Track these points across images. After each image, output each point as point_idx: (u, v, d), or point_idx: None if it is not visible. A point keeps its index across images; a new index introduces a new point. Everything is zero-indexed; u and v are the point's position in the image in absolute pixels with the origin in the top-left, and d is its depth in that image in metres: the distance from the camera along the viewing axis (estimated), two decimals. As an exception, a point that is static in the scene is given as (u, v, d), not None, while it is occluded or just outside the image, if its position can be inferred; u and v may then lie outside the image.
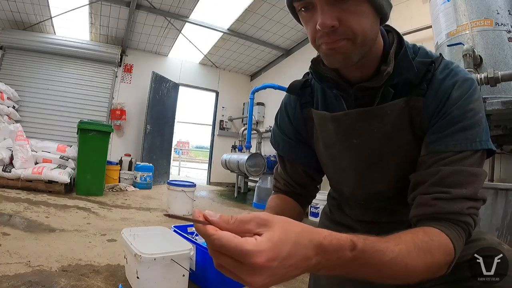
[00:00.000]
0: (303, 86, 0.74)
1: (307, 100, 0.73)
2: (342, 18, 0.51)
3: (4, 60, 4.94)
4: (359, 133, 0.63)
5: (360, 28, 0.52)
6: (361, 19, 0.52)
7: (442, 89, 0.56)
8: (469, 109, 0.53)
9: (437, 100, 0.56)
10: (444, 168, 0.52)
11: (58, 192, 3.51)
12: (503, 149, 2.19)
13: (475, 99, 0.54)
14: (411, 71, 0.57)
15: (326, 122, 0.68)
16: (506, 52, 1.73)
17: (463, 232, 0.50)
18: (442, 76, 0.57)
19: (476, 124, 0.53)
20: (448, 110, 0.54)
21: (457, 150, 0.52)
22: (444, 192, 0.51)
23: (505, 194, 1.55)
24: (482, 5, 1.81)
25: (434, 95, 0.56)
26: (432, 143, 0.55)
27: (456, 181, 0.51)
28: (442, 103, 0.55)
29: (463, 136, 0.52)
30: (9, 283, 1.25)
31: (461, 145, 0.52)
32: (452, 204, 0.50)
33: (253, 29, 4.94)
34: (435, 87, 0.57)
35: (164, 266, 1.28)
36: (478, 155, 0.53)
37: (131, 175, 4.94)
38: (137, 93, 5.69)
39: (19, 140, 3.64)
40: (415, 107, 0.58)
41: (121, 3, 4.34)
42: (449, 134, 0.53)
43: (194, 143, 20.87)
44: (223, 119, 6.77)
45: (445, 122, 0.54)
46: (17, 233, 1.94)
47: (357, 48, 0.53)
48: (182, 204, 3.12)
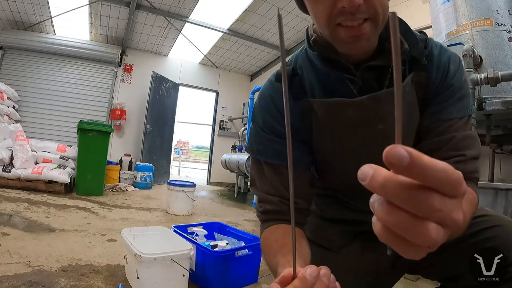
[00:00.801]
0: (292, 75, 0.64)
1: (299, 90, 0.63)
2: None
3: (4, 60, 4.94)
4: (386, 116, 0.57)
5: (382, 5, 0.48)
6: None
7: (441, 65, 0.60)
8: (463, 80, 0.61)
9: (439, 75, 0.60)
10: (457, 134, 0.57)
11: (58, 192, 3.51)
12: (503, 149, 2.19)
13: (464, 71, 0.62)
14: (418, 47, 0.58)
15: (343, 109, 0.60)
16: (506, 52, 1.72)
17: (476, 185, 0.57)
18: (437, 52, 0.61)
19: (468, 93, 0.61)
20: (450, 82, 0.59)
21: (459, 117, 0.59)
22: (461, 155, 0.56)
23: (505, 194, 1.55)
24: (482, 5, 1.81)
25: (436, 69, 0.60)
26: (438, 113, 0.60)
27: (467, 144, 0.57)
28: (444, 76, 0.60)
29: (462, 104, 0.59)
30: (9, 283, 1.25)
31: (461, 112, 0.59)
32: (469, 165, 0.56)
33: (253, 29, 4.94)
34: (435, 63, 0.60)
35: (164, 266, 1.28)
36: (470, 119, 0.61)
37: (131, 175, 4.94)
38: (137, 93, 5.69)
39: (19, 140, 3.64)
40: (419, 82, 0.60)
41: (121, 3, 4.34)
42: (452, 103, 0.59)
43: (194, 143, 20.87)
44: (223, 119, 6.77)
45: (448, 93, 0.59)
46: (17, 233, 1.94)
47: (378, 30, 0.51)
48: (182, 204, 3.12)
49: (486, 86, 1.62)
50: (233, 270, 1.44)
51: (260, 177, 0.66)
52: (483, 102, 1.67)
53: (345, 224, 0.74)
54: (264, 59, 6.10)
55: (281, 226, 0.60)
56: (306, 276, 0.32)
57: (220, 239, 1.78)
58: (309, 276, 0.32)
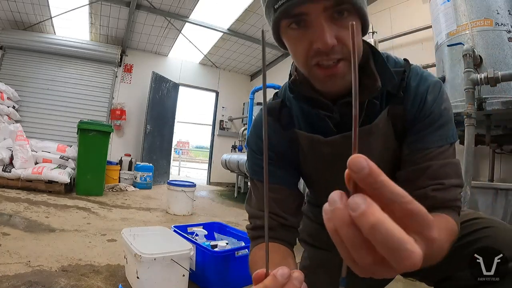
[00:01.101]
0: (280, 107, 0.69)
1: (288, 120, 0.69)
2: (340, 36, 0.49)
3: (4, 60, 4.94)
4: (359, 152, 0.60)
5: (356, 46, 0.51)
6: (356, 36, 0.51)
7: (418, 96, 0.60)
8: (442, 109, 0.59)
9: (415, 106, 0.60)
10: (434, 163, 0.57)
11: (58, 192, 3.51)
12: (503, 149, 2.19)
13: (445, 99, 0.61)
14: (392, 82, 0.60)
15: (319, 146, 0.64)
16: (506, 52, 1.72)
17: (457, 214, 0.57)
18: (415, 83, 0.61)
19: (448, 121, 0.60)
20: (427, 112, 0.59)
21: (438, 146, 0.58)
22: (439, 184, 0.55)
23: (505, 194, 1.55)
24: (482, 5, 1.81)
25: (412, 101, 0.60)
26: (415, 142, 0.60)
27: (446, 173, 0.56)
28: (420, 107, 0.60)
29: (440, 133, 0.59)
30: (9, 283, 1.25)
31: (440, 141, 0.58)
32: (449, 193, 0.55)
33: (253, 29, 4.94)
34: (412, 94, 0.61)
35: (164, 266, 1.28)
36: (452, 147, 0.60)
37: (131, 175, 4.94)
38: (137, 93, 5.69)
39: (19, 140, 3.64)
40: (395, 115, 0.61)
41: (121, 3, 4.34)
42: (430, 133, 0.59)
43: (194, 143, 20.88)
44: (223, 119, 6.77)
45: (425, 123, 0.59)
46: (17, 233, 1.94)
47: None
48: (182, 204, 3.12)
49: (486, 86, 1.62)
50: (233, 270, 1.44)
51: (254, 195, 0.71)
52: (483, 102, 1.67)
53: None
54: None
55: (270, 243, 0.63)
56: (277, 276, 0.32)
57: (220, 239, 1.78)
58: (280, 276, 0.32)
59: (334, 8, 0.48)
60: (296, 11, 0.49)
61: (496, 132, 1.96)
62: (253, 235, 0.69)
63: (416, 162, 0.58)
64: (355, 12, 0.50)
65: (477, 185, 1.64)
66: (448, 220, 0.52)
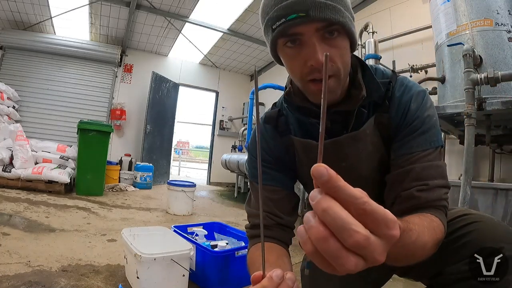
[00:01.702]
0: (278, 116, 0.76)
1: (284, 128, 0.75)
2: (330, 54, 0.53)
3: (4, 60, 4.94)
4: (347, 156, 0.68)
5: (343, 63, 0.58)
6: (344, 54, 0.58)
7: (401, 104, 0.65)
8: (425, 116, 0.63)
9: (399, 114, 0.65)
10: (417, 165, 0.60)
11: (58, 192, 3.51)
12: (503, 149, 2.19)
13: (429, 107, 0.65)
14: (379, 92, 0.66)
15: (312, 150, 0.70)
16: (506, 52, 1.72)
17: (443, 213, 0.59)
18: (399, 93, 0.66)
19: (432, 127, 0.63)
20: (410, 120, 0.64)
21: (421, 149, 0.62)
22: (424, 185, 0.59)
23: (505, 194, 1.55)
24: (482, 5, 1.81)
25: (396, 110, 0.66)
26: (399, 148, 0.64)
27: (429, 174, 0.59)
28: (404, 115, 0.65)
29: (423, 138, 0.62)
30: (9, 283, 1.25)
31: (423, 145, 0.62)
32: (433, 193, 0.58)
33: (253, 29, 4.94)
34: (396, 103, 0.66)
35: (164, 266, 1.28)
36: (437, 151, 0.63)
37: (131, 175, 4.94)
38: (137, 93, 5.69)
39: (19, 140, 3.64)
40: (382, 123, 0.67)
41: (121, 3, 4.34)
42: (413, 138, 0.63)
43: (194, 143, 20.88)
44: (223, 119, 6.77)
45: (408, 129, 0.64)
46: (17, 233, 1.94)
47: (341, 83, 0.60)
48: (182, 204, 3.12)
49: (486, 86, 1.62)
50: (233, 270, 1.44)
51: (253, 196, 0.78)
52: (483, 102, 1.67)
53: None
54: (264, 59, 6.10)
55: (266, 243, 0.69)
56: (273, 277, 0.38)
57: (220, 239, 1.78)
58: (275, 277, 0.38)
59: (325, 29, 0.55)
60: (291, 31, 0.55)
61: (496, 132, 1.96)
62: (251, 234, 0.75)
63: (401, 165, 0.62)
64: (344, 32, 0.57)
65: (477, 185, 1.64)
66: (432, 219, 0.54)
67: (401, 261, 0.48)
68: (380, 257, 0.27)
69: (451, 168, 2.77)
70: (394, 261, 0.46)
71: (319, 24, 0.54)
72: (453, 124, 2.11)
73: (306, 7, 0.53)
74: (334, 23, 0.54)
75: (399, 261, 0.48)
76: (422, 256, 0.50)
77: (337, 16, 0.54)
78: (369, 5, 3.96)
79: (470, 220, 0.62)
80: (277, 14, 0.56)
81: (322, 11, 0.53)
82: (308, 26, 0.54)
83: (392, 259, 0.44)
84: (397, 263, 0.48)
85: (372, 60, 2.99)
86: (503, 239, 0.56)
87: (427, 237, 0.49)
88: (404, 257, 0.47)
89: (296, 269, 1.79)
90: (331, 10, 0.54)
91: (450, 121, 2.05)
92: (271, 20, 0.57)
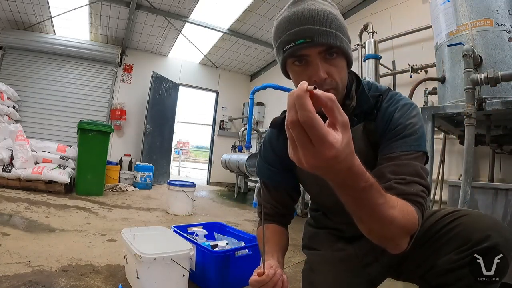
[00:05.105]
0: (282, 121, 0.84)
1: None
2: (330, 72, 0.67)
3: (4, 60, 4.94)
4: None
5: (341, 78, 0.69)
6: (341, 71, 0.70)
7: (387, 114, 0.74)
8: (408, 123, 0.70)
9: (383, 122, 0.74)
10: (395, 162, 0.67)
11: (58, 192, 3.51)
12: (503, 149, 2.19)
13: (413, 116, 0.72)
14: (368, 103, 0.77)
15: None
16: (506, 52, 1.72)
17: (420, 212, 0.60)
18: (386, 105, 0.76)
19: (414, 133, 0.69)
20: (393, 126, 0.71)
21: (401, 150, 0.68)
22: (401, 179, 0.63)
23: (505, 194, 1.55)
24: (482, 5, 1.81)
25: (381, 118, 0.75)
26: (382, 150, 0.72)
27: (407, 171, 0.64)
28: (388, 123, 0.73)
29: (403, 141, 0.69)
30: (9, 283, 1.25)
31: (403, 147, 0.68)
32: (409, 187, 0.62)
33: (253, 29, 4.94)
34: (382, 113, 0.75)
35: (164, 266, 1.28)
36: (417, 155, 0.68)
37: (131, 175, 4.94)
38: (137, 93, 5.69)
39: (19, 140, 3.64)
40: (369, 129, 0.76)
41: (121, 3, 4.34)
42: (394, 141, 0.70)
43: (194, 143, 20.88)
44: (223, 119, 6.77)
45: (391, 134, 0.71)
46: (17, 233, 1.94)
47: (339, 95, 0.70)
48: (182, 204, 3.12)
49: (486, 86, 1.62)
50: (233, 270, 1.44)
51: (262, 190, 0.99)
52: (483, 102, 1.67)
53: (331, 230, 0.96)
54: (264, 59, 6.10)
55: (270, 225, 0.94)
56: (269, 274, 0.66)
57: (220, 239, 1.78)
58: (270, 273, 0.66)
59: (326, 52, 0.67)
60: (299, 53, 0.67)
61: (496, 132, 1.96)
62: (260, 215, 0.96)
63: (381, 163, 0.69)
64: (342, 54, 0.69)
65: (477, 185, 1.64)
66: (408, 205, 0.57)
67: (366, 221, 0.52)
68: (308, 161, 0.41)
69: (451, 168, 2.77)
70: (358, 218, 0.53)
71: (322, 47, 0.66)
72: (453, 124, 2.11)
73: (311, 34, 0.65)
74: (334, 47, 0.66)
75: (364, 221, 0.53)
76: (389, 230, 0.53)
77: (336, 42, 0.66)
78: (369, 5, 3.96)
79: (458, 215, 0.68)
80: (288, 39, 0.67)
81: (325, 37, 0.65)
82: (313, 49, 0.66)
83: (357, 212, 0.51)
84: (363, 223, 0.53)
85: (372, 60, 3.00)
86: (490, 227, 0.62)
87: (397, 213, 0.52)
88: (369, 217, 0.51)
89: (296, 269, 1.80)
90: (331, 36, 0.66)
91: (450, 121, 2.05)
92: (282, 43, 0.69)
